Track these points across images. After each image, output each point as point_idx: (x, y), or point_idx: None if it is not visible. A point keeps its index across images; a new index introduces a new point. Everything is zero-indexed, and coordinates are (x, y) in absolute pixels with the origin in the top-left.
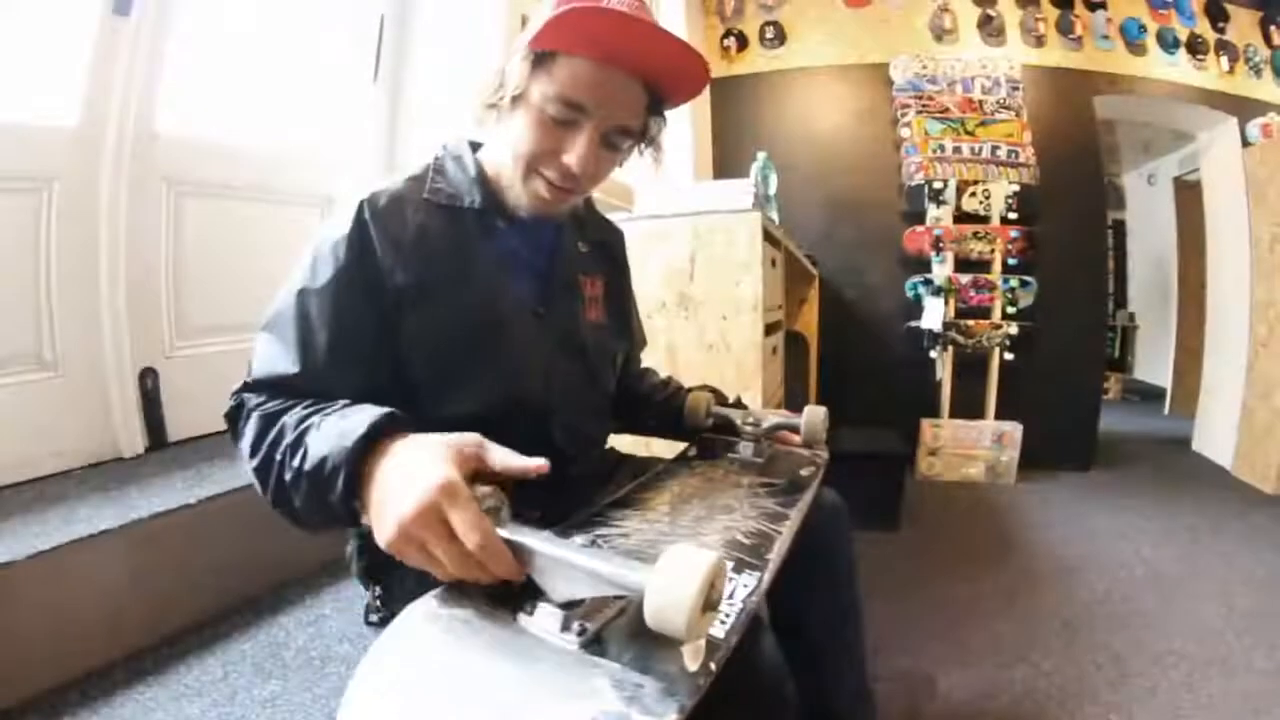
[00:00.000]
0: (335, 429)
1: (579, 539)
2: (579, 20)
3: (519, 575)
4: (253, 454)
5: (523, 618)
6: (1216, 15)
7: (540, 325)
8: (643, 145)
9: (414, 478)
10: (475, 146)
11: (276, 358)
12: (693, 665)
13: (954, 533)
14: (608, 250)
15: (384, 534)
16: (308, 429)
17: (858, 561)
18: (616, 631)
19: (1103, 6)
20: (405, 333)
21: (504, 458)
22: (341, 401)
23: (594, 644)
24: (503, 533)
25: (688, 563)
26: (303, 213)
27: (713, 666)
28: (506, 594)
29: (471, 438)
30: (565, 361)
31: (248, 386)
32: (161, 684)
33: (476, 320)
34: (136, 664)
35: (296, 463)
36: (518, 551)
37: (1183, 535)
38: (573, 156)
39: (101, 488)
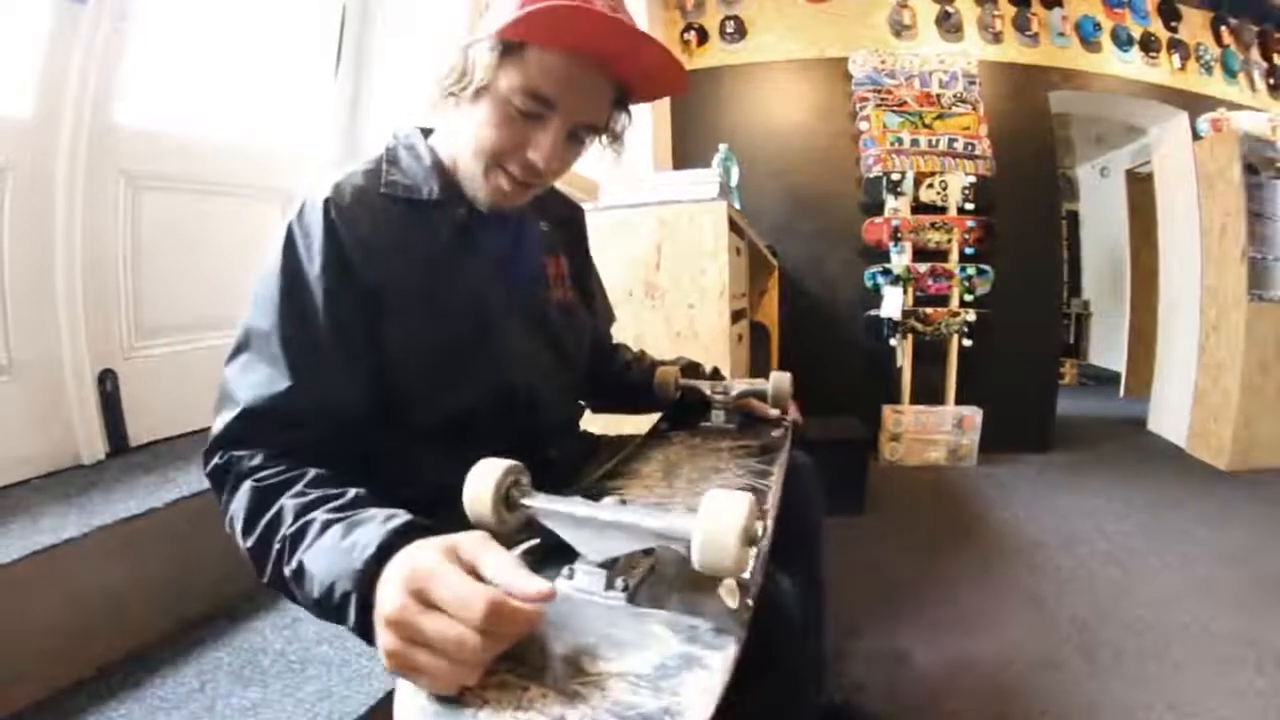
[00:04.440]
0: (338, 544)
1: (609, 500)
2: (554, 14)
3: (538, 618)
4: (246, 532)
5: (561, 582)
6: (1169, 15)
7: (517, 315)
8: (605, 139)
9: (391, 575)
10: (426, 133)
11: (266, 379)
12: (733, 603)
13: (919, 515)
14: (569, 227)
15: (382, 649)
16: (308, 525)
17: (825, 521)
18: (652, 586)
19: (1059, 4)
20: (386, 335)
21: (492, 563)
22: (351, 491)
23: (635, 599)
24: (532, 502)
25: (729, 502)
26: (264, 207)
27: (749, 602)
28: (541, 565)
29: (478, 535)
30: (538, 344)
31: (233, 432)
32: (135, 699)
33: (453, 318)
34: (106, 680)
35: (295, 565)
36: (551, 517)
37: (1142, 511)
38: (538, 153)
39: (63, 496)
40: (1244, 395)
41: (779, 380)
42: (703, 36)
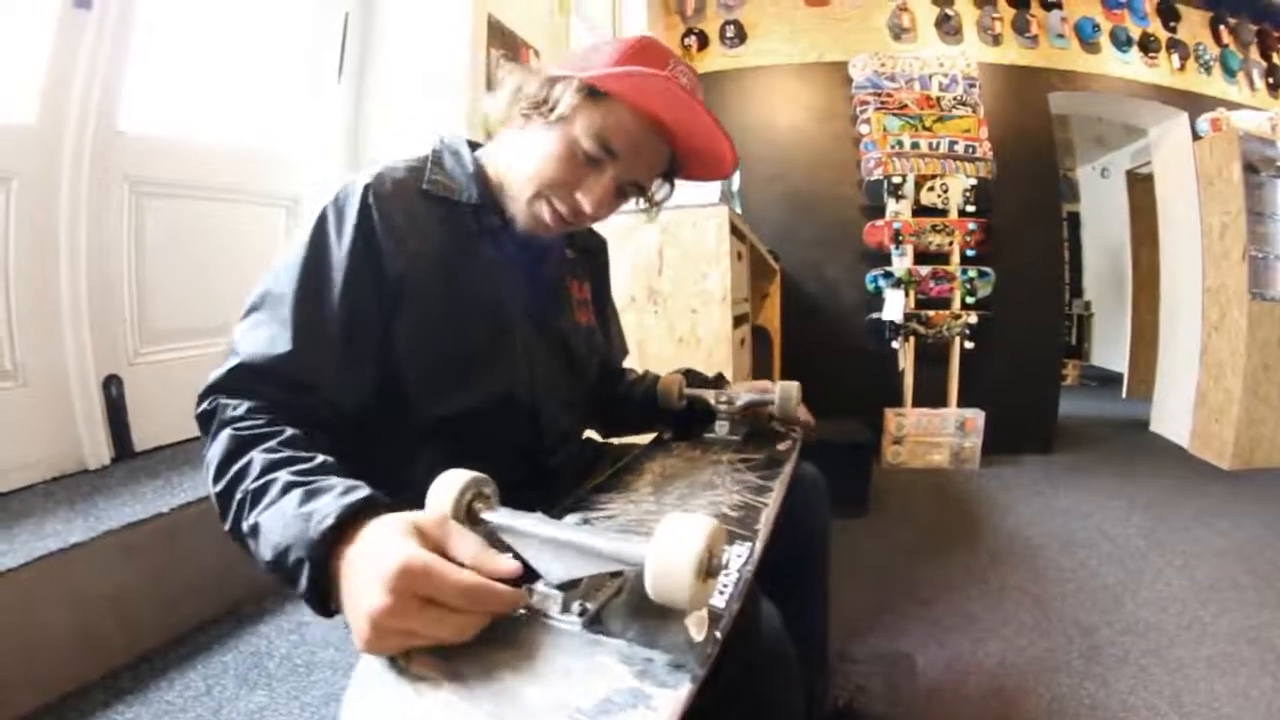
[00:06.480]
0: (296, 510)
1: (571, 519)
2: (648, 81)
3: (518, 599)
4: (216, 478)
5: None
6: (1168, 15)
7: (531, 326)
8: (643, 201)
9: (379, 561)
10: (471, 145)
11: (269, 339)
12: (698, 635)
13: (922, 517)
14: (594, 258)
15: (359, 636)
16: (270, 484)
17: (831, 534)
18: (618, 610)
19: (1058, 6)
20: (400, 328)
21: (467, 547)
22: (320, 456)
23: (596, 623)
24: (493, 517)
25: (685, 529)
26: (267, 212)
27: (718, 635)
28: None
29: (436, 516)
30: (548, 355)
31: (226, 381)
32: (142, 703)
33: (470, 319)
34: (114, 684)
35: (251, 522)
36: (510, 534)
37: (1144, 512)
38: (587, 199)
39: (68, 501)
40: (1246, 395)
41: (786, 390)
42: (703, 41)
